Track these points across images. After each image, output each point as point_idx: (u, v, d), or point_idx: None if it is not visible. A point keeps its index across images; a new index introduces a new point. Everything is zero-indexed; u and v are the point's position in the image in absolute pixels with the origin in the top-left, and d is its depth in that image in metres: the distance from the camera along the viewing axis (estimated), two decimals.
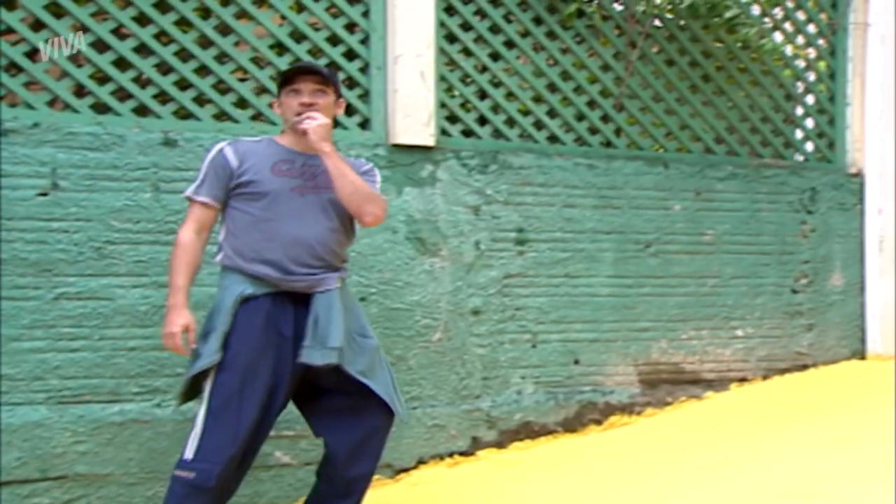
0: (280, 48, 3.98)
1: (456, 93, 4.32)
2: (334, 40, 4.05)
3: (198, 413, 3.02)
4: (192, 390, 3.13)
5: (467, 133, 4.33)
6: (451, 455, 4.10)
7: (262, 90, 3.94)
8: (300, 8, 4.01)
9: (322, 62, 4.01)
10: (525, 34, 4.44)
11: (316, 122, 3.10)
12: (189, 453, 2.99)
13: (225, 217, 3.18)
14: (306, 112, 3.12)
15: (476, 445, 4.16)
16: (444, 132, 4.24)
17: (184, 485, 2.97)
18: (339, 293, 3.15)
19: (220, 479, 2.97)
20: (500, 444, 4.19)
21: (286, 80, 3.18)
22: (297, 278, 3.10)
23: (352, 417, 3.18)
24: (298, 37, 3.99)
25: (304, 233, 3.11)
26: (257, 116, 3.93)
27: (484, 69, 4.37)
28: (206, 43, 3.84)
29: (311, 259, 3.11)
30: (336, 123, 4.02)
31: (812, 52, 5.06)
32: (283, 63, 3.94)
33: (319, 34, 4.02)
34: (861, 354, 5.06)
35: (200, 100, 3.84)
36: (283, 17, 3.97)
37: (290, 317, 3.11)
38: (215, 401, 3.01)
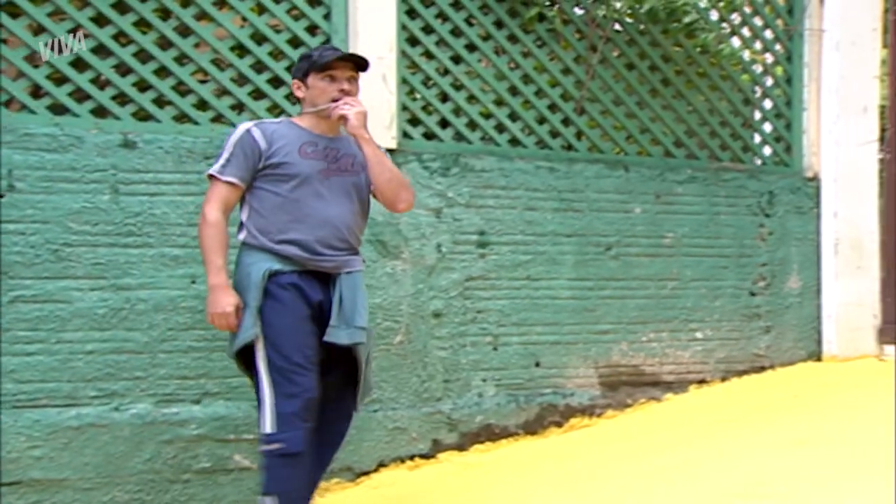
0: (241, 50, 3.96)
1: (418, 95, 4.32)
2: (295, 42, 4.04)
3: (260, 388, 3.11)
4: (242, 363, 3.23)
5: (429, 136, 4.33)
6: (411, 458, 4.10)
7: (222, 92, 3.91)
8: (261, 10, 4.00)
9: (283, 64, 4.00)
10: (486, 38, 4.46)
11: (356, 109, 3.20)
12: (268, 427, 3.09)
13: (248, 196, 3.22)
14: (343, 98, 3.20)
15: (437, 448, 4.16)
16: (405, 135, 4.25)
17: (276, 456, 3.08)
18: (361, 275, 3.27)
19: (305, 443, 3.08)
20: (460, 447, 4.20)
21: (323, 65, 3.23)
22: (324, 258, 3.19)
23: (335, 400, 3.27)
24: (259, 39, 3.98)
25: (330, 215, 3.20)
26: (218, 118, 3.91)
27: (446, 72, 4.38)
28: (165, 44, 3.82)
29: (336, 241, 3.21)
30: None
31: (769, 58, 5.12)
32: (244, 65, 3.92)
33: (280, 36, 4.01)
34: (817, 356, 5.12)
35: (160, 101, 3.81)
36: (244, 19, 3.95)
37: (318, 291, 3.20)
38: (274, 374, 3.11)
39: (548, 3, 4.58)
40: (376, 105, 4.06)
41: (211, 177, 3.21)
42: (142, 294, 3.67)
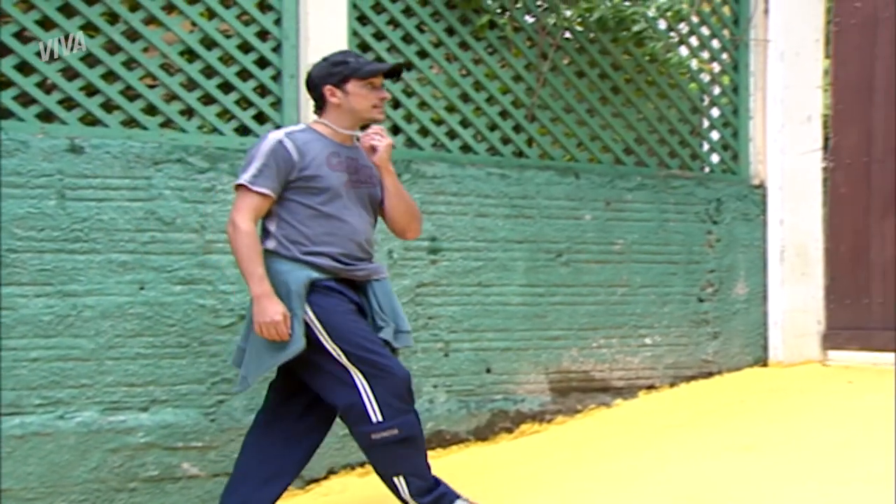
0: (190, 55, 3.93)
1: None
2: (246, 48, 4.01)
3: (355, 383, 3.13)
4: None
5: None
6: (361, 465, 4.07)
7: (171, 97, 3.88)
8: (211, 14, 3.97)
9: (233, 70, 3.97)
10: (438, 44, 4.47)
11: (385, 142, 3.30)
12: (378, 416, 3.13)
13: (276, 206, 3.22)
14: (373, 129, 3.30)
15: None
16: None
17: (393, 443, 3.13)
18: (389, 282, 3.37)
19: (418, 425, 3.20)
20: None
21: (368, 73, 3.26)
22: (355, 268, 3.26)
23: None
24: (209, 43, 3.95)
25: (356, 227, 3.27)
26: (167, 123, 3.87)
27: (397, 78, 4.38)
28: (113, 48, 3.77)
29: (360, 252, 3.29)
30: (248, 131, 4.00)
31: (716, 67, 5.20)
32: (194, 70, 3.89)
33: (231, 41, 3.98)
34: (763, 361, 5.20)
35: (108, 106, 3.77)
36: (194, 24, 3.92)
37: (354, 295, 3.27)
38: (360, 365, 3.13)
39: (499, 11, 4.61)
40: None
41: (239, 186, 3.18)
42: (88, 300, 3.62)
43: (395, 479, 3.21)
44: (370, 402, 3.13)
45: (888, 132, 5.05)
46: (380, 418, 3.13)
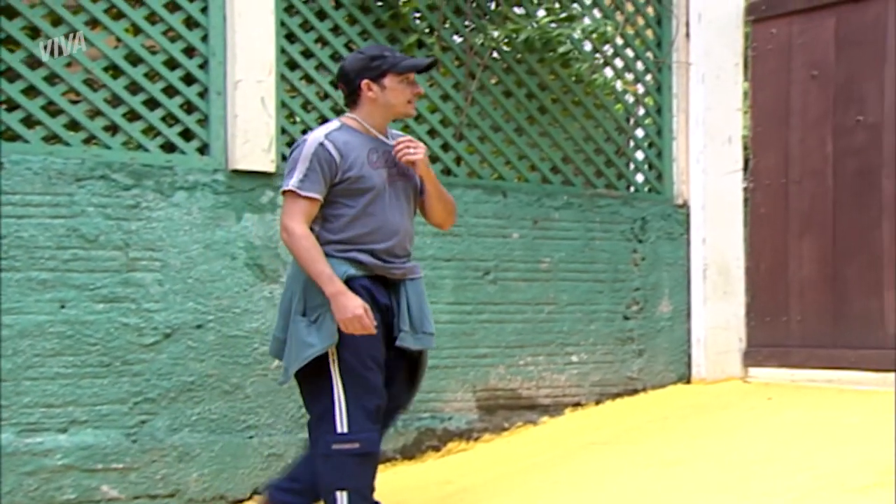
0: (115, 70, 3.88)
1: (297, 119, 4.31)
2: (172, 64, 3.98)
3: (333, 389, 3.18)
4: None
5: None
6: None
7: (95, 113, 3.83)
8: (136, 30, 3.93)
9: (159, 86, 3.94)
10: None
11: (420, 153, 3.30)
12: (343, 427, 3.16)
13: (321, 207, 3.26)
14: (404, 143, 3.30)
15: None
16: (285, 158, 4.21)
17: (350, 455, 3.17)
18: (423, 282, 3.41)
19: (378, 444, 3.25)
20: None
21: (406, 67, 3.32)
22: (394, 266, 3.31)
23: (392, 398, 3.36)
24: (134, 59, 3.91)
25: (397, 224, 3.31)
26: (90, 139, 3.82)
27: (326, 96, 4.38)
28: (35, 63, 3.71)
29: (400, 249, 3.33)
30: (173, 148, 3.97)
31: (640, 88, 5.29)
32: (119, 86, 3.84)
33: (157, 57, 3.95)
34: (686, 379, 5.28)
35: (29, 121, 3.70)
36: (119, 39, 3.88)
37: (384, 295, 3.32)
38: (347, 377, 3.19)
39: (427, 31, 4.64)
40: (255, 128, 4.04)
41: (287, 192, 3.22)
42: (6, 319, 3.54)
43: (338, 494, 3.19)
44: (340, 412, 3.17)
45: (804, 154, 5.19)
46: (345, 430, 3.17)
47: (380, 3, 4.50)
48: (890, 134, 4.90)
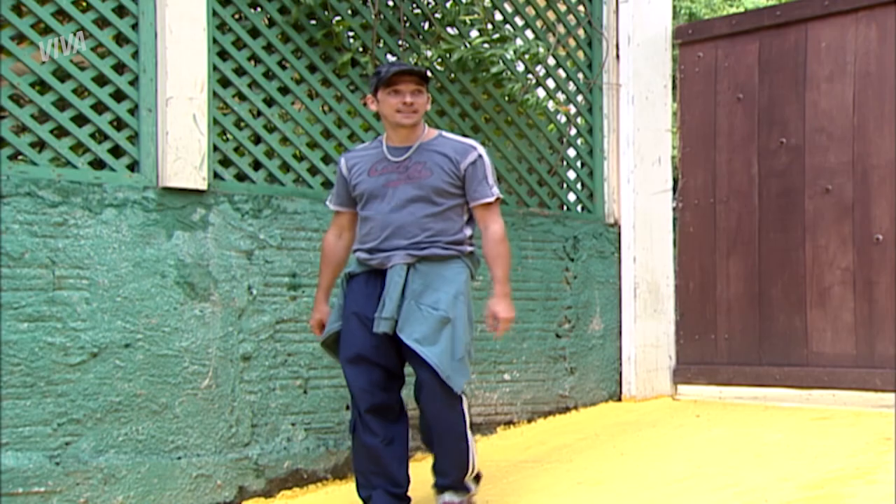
0: (42, 86, 3.83)
1: (229, 136, 4.29)
2: (102, 80, 3.94)
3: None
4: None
5: (241, 177, 4.30)
6: None
7: (21, 129, 3.77)
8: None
9: (87, 102, 3.89)
10: (300, 81, 4.48)
11: (505, 320, 3.74)
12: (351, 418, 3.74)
13: None
14: (496, 314, 3.72)
15: (242, 495, 4.08)
16: (216, 176, 4.20)
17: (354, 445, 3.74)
18: (405, 269, 3.61)
19: (359, 429, 3.66)
20: (267, 493, 4.14)
21: (387, 80, 3.63)
22: (373, 258, 3.69)
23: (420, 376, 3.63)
24: (62, 75, 3.86)
25: (389, 220, 3.64)
26: (16, 156, 3.75)
27: (259, 114, 4.37)
28: None
29: (387, 244, 3.65)
30: (103, 165, 3.92)
31: (572, 109, 5.37)
32: (46, 102, 3.79)
33: (86, 73, 3.90)
34: (617, 396, 5.35)
35: None
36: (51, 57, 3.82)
37: (379, 287, 3.67)
38: (342, 357, 3.70)
39: (360, 50, 4.66)
40: (186, 145, 4.01)
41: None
42: None
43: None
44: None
45: (731, 174, 5.30)
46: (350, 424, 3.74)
47: (313, 22, 4.50)
48: (811, 156, 5.04)
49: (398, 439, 3.69)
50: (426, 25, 4.89)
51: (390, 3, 4.74)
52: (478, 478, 3.81)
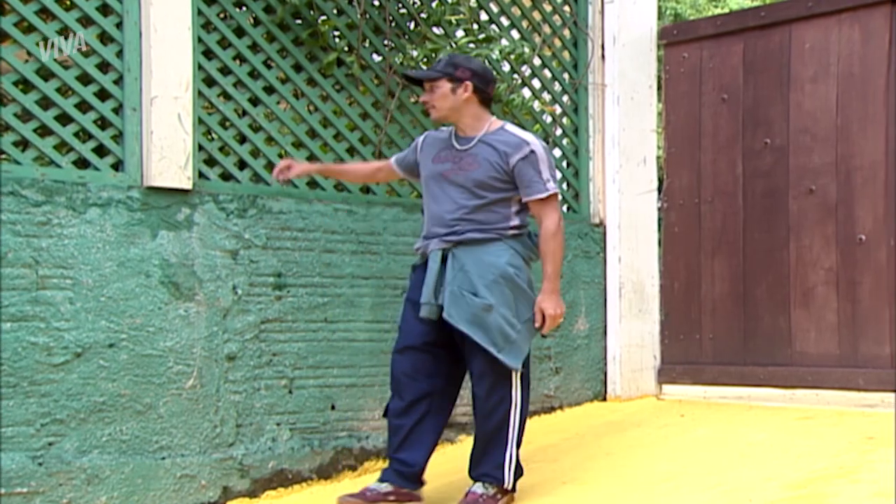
0: (26, 85, 3.81)
1: (214, 136, 4.28)
2: (86, 79, 3.92)
3: None
4: None
5: (226, 177, 4.29)
6: None
7: (5, 127, 3.75)
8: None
9: (71, 101, 3.87)
10: (285, 80, 4.47)
11: (552, 317, 3.78)
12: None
13: None
14: (544, 318, 3.80)
15: (227, 495, 4.08)
16: (201, 175, 4.19)
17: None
18: (439, 254, 3.73)
19: (391, 413, 3.82)
20: (252, 494, 4.13)
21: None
22: (421, 245, 3.87)
23: (468, 360, 3.77)
24: (46, 74, 3.84)
25: (439, 209, 3.77)
26: None
27: (244, 113, 4.36)
28: None
29: (438, 228, 3.78)
30: (87, 164, 3.90)
31: (558, 109, 5.38)
32: (29, 101, 3.77)
33: (69, 72, 3.88)
34: (602, 396, 5.36)
35: None
36: (30, 54, 3.81)
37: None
38: (395, 347, 3.89)
39: (346, 49, 4.65)
40: (171, 145, 4.00)
41: None
42: None
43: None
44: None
45: (716, 174, 5.32)
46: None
47: (299, 21, 4.50)
48: (795, 157, 5.06)
49: (430, 422, 3.81)
50: (412, 25, 4.88)
51: (376, 3, 4.74)
52: (518, 474, 3.81)
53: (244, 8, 4.38)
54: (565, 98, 5.41)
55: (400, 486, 3.76)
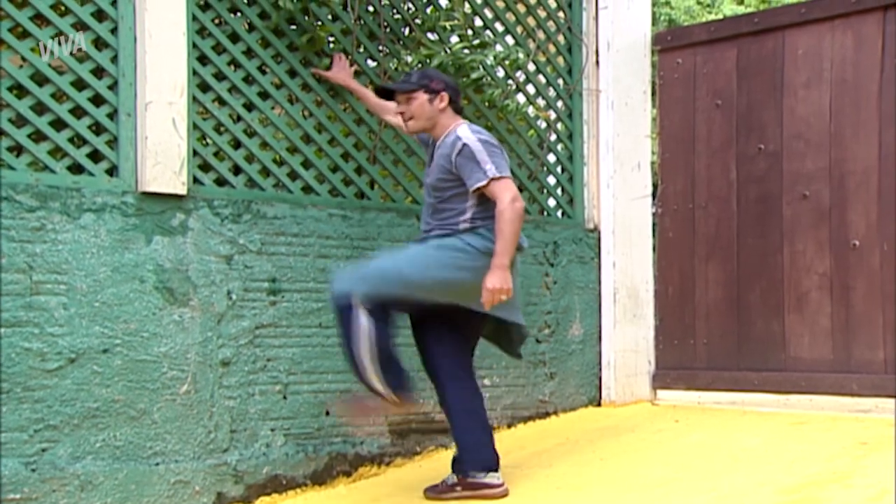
0: (20, 90, 3.81)
1: (209, 141, 4.28)
2: (80, 84, 3.92)
3: None
4: None
5: (220, 182, 4.29)
6: None
7: (0, 133, 3.75)
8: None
9: (66, 107, 3.86)
10: (280, 86, 4.48)
11: (490, 290, 3.80)
12: None
13: None
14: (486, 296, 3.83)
15: (221, 501, 4.07)
16: (196, 181, 4.19)
17: None
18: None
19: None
20: (246, 499, 4.12)
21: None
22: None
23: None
24: (41, 79, 3.83)
25: (423, 211, 4.11)
26: None
27: (238, 119, 4.36)
28: None
29: (423, 228, 4.09)
30: (81, 170, 3.90)
31: (552, 114, 5.39)
32: (24, 106, 3.76)
33: (64, 78, 3.88)
34: (597, 401, 5.36)
35: None
36: (24, 59, 3.80)
37: None
38: None
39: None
40: (165, 150, 4.00)
41: None
42: None
43: None
44: None
45: (710, 180, 5.34)
46: None
47: (293, 27, 4.50)
48: (789, 162, 5.08)
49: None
50: (406, 31, 4.89)
51: (370, 9, 4.74)
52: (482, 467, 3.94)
53: (239, 14, 4.38)
54: (560, 103, 5.42)
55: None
